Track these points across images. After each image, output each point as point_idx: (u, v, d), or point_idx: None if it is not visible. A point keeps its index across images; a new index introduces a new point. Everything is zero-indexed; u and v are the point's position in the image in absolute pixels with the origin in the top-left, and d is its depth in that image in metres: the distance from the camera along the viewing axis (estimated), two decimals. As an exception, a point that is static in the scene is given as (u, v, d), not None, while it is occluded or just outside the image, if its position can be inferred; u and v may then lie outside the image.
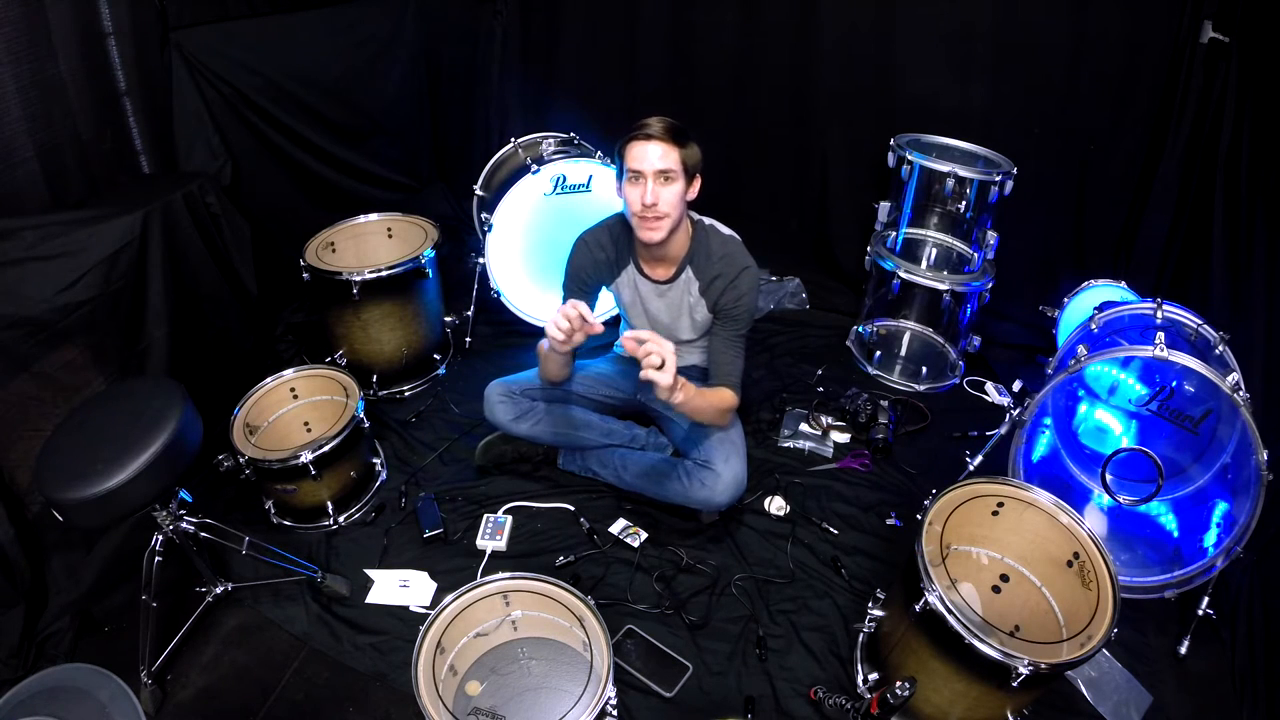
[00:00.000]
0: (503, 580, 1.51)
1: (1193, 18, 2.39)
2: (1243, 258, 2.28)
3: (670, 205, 1.74)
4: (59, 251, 1.80)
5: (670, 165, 1.71)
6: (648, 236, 1.79)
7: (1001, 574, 1.69)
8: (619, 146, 1.75)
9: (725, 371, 1.91)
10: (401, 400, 2.57)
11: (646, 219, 1.75)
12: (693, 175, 1.77)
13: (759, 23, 2.96)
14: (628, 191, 1.75)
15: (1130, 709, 1.70)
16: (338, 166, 3.10)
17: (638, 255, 1.96)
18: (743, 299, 1.87)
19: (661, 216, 1.75)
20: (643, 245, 1.87)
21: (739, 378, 1.92)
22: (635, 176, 1.72)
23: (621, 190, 1.78)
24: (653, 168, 1.70)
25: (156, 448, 1.45)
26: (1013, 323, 2.93)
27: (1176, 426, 1.94)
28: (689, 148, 1.74)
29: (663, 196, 1.72)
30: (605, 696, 1.29)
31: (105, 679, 1.29)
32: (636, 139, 1.71)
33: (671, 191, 1.73)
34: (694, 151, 1.75)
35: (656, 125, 1.71)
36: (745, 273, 1.87)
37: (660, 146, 1.70)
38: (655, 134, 1.70)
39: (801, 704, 1.68)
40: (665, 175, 1.71)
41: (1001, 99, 2.73)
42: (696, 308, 1.96)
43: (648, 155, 1.70)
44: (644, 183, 1.71)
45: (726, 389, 1.90)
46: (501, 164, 2.91)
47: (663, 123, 1.72)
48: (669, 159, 1.70)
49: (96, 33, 2.17)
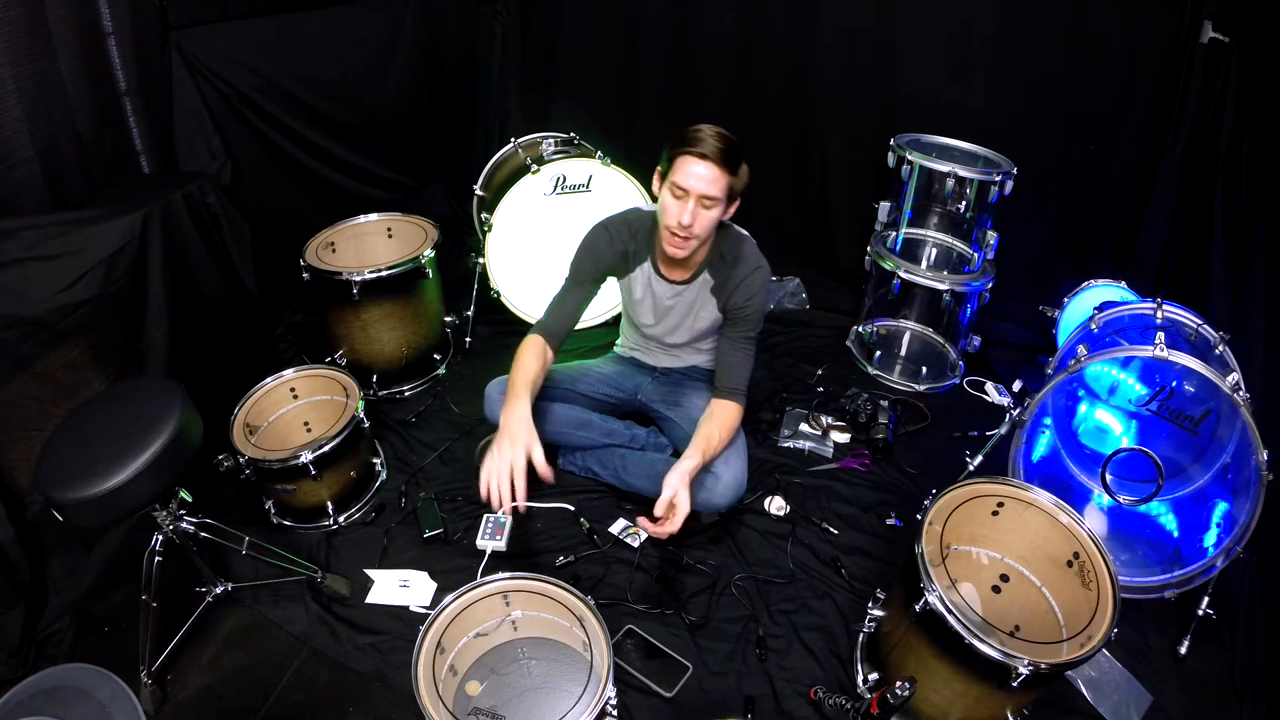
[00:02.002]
0: (503, 580, 1.51)
1: (1193, 18, 2.39)
2: (1243, 258, 2.28)
3: (705, 229, 1.72)
4: (59, 251, 1.80)
5: (716, 192, 1.66)
6: (673, 251, 1.78)
7: (1001, 574, 1.69)
8: (671, 149, 1.68)
9: (733, 376, 1.89)
10: (401, 400, 2.57)
11: (677, 236, 1.73)
12: (734, 198, 1.74)
13: (759, 23, 2.96)
14: (666, 200, 1.71)
15: (1130, 709, 1.70)
16: (338, 166, 3.10)
17: (657, 255, 1.93)
18: (754, 298, 1.86)
19: (692, 238, 1.72)
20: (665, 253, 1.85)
21: (746, 383, 1.90)
22: (680, 193, 1.67)
23: (660, 190, 1.75)
24: (699, 191, 1.65)
25: (156, 448, 1.45)
26: (1013, 323, 2.93)
27: (1176, 426, 1.94)
28: (739, 174, 1.69)
29: (700, 220, 1.69)
30: (605, 696, 1.29)
31: (105, 679, 1.29)
32: (690, 155, 1.64)
33: (710, 216, 1.70)
34: (743, 176, 1.71)
35: (713, 145, 1.63)
36: (757, 272, 1.87)
37: (713, 170, 1.63)
38: (710, 155, 1.62)
39: (801, 704, 1.68)
40: (708, 200, 1.67)
41: (1001, 99, 2.74)
42: (707, 307, 1.96)
43: (699, 175, 1.64)
44: (686, 202, 1.67)
45: (731, 404, 1.87)
46: (501, 164, 2.91)
47: (719, 142, 1.64)
48: (717, 185, 1.65)
49: (96, 33, 2.17)
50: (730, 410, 1.87)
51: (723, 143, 1.64)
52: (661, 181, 1.74)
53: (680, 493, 1.63)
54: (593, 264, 1.95)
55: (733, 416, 1.87)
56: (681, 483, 1.64)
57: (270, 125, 2.78)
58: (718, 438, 1.82)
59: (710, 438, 1.79)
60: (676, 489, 1.63)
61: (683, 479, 1.65)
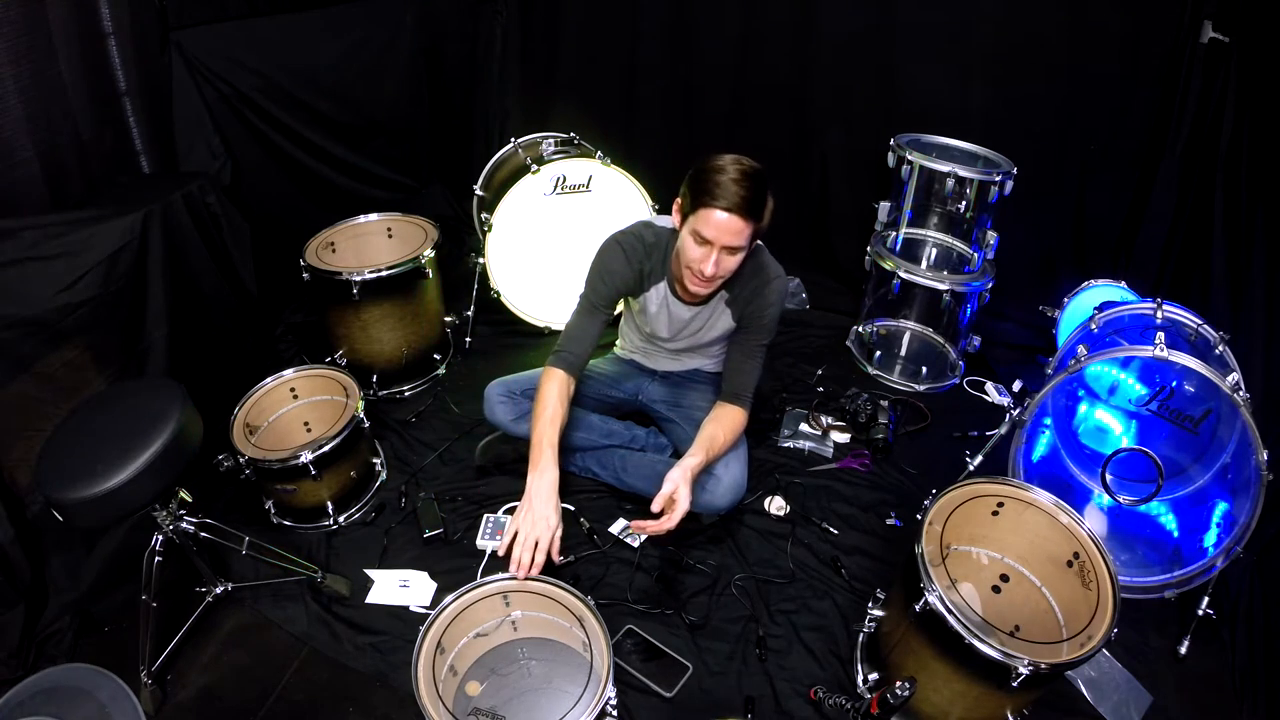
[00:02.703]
0: (503, 580, 1.51)
1: (1193, 18, 2.39)
2: (1243, 258, 2.28)
3: (728, 272, 1.69)
4: (59, 251, 1.79)
5: (740, 242, 1.62)
6: (695, 289, 1.75)
7: (1001, 574, 1.69)
8: (694, 193, 1.61)
9: (740, 382, 1.87)
10: (401, 400, 2.57)
11: (699, 279, 1.70)
12: (757, 237, 1.70)
13: (759, 22, 2.96)
14: (689, 245, 1.66)
15: (1130, 709, 1.70)
16: (338, 166, 3.10)
17: (673, 277, 1.88)
18: (769, 309, 1.85)
19: (715, 279, 1.69)
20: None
21: (752, 391, 1.88)
22: (702, 240, 1.62)
23: (680, 227, 1.70)
24: (722, 242, 1.61)
25: (156, 448, 1.45)
26: (1013, 323, 2.93)
27: (1176, 426, 1.94)
28: (763, 219, 1.64)
29: (723, 266, 1.65)
30: (605, 696, 1.29)
31: (105, 679, 1.30)
32: (714, 208, 1.57)
33: (733, 261, 1.66)
34: (767, 218, 1.65)
35: (736, 196, 1.55)
36: (775, 282, 1.85)
37: (737, 223, 1.58)
38: (734, 209, 1.56)
39: (801, 704, 1.68)
40: (733, 250, 1.64)
41: (1001, 99, 2.73)
42: (722, 318, 1.94)
43: (724, 227, 1.58)
44: (710, 251, 1.63)
45: (737, 409, 1.85)
46: (501, 164, 2.91)
47: (743, 189, 1.56)
48: (741, 236, 1.61)
49: (96, 33, 2.17)
50: (735, 414, 1.86)
51: (747, 190, 1.57)
52: (682, 219, 1.69)
53: (681, 488, 1.62)
54: (610, 286, 1.88)
55: (738, 421, 1.86)
56: (683, 479, 1.64)
57: (270, 125, 2.78)
58: (722, 439, 1.81)
59: (714, 438, 1.78)
60: (677, 484, 1.62)
61: (685, 475, 1.64)
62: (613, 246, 1.90)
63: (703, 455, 1.72)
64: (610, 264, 1.88)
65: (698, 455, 1.71)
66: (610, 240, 1.91)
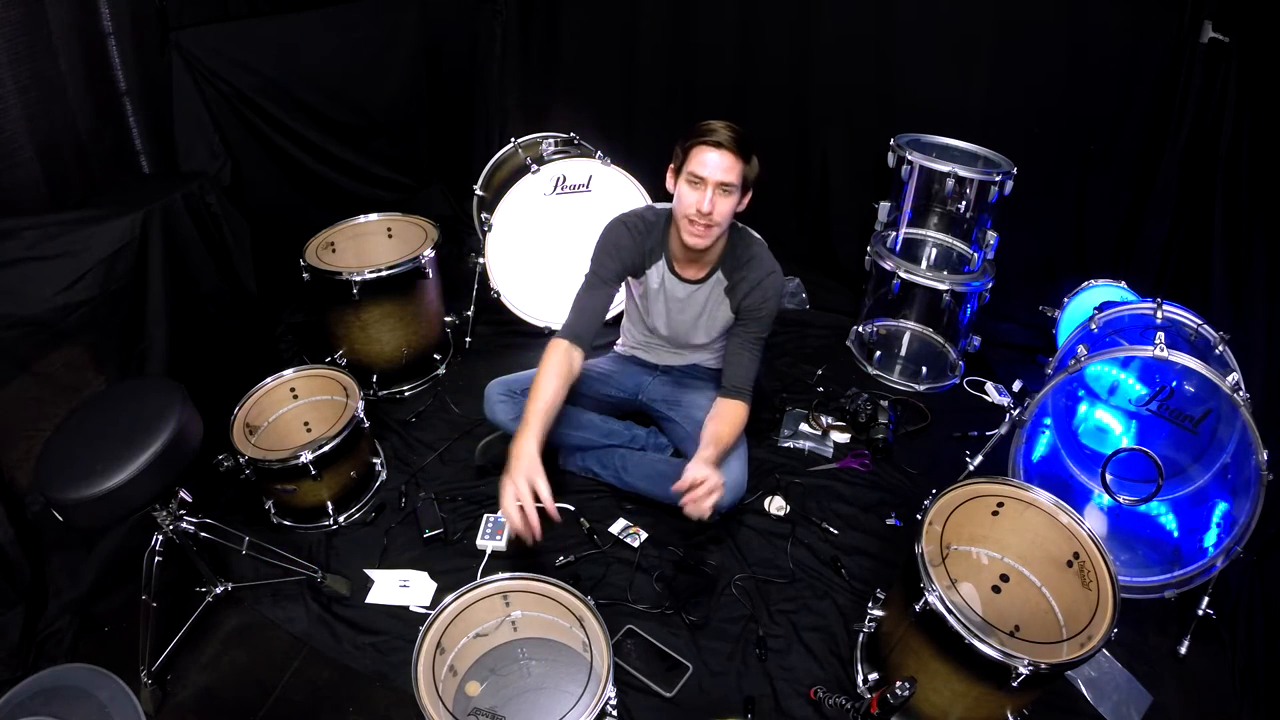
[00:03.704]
0: (503, 580, 1.51)
1: (1193, 18, 2.39)
2: (1243, 258, 2.28)
3: (723, 216, 1.75)
4: (59, 251, 1.80)
5: (733, 179, 1.70)
6: (693, 241, 1.79)
7: (1001, 574, 1.69)
8: (684, 143, 1.73)
9: (740, 375, 1.90)
10: (401, 400, 2.57)
11: (697, 224, 1.75)
12: (747, 189, 1.78)
13: (759, 22, 2.96)
14: (684, 191, 1.74)
15: (1130, 709, 1.70)
16: (338, 166, 3.10)
17: (671, 253, 1.95)
18: (767, 302, 1.89)
19: (712, 225, 1.75)
20: (682, 246, 1.86)
21: (752, 383, 1.91)
22: (697, 181, 1.71)
23: (676, 186, 1.78)
24: (716, 178, 1.69)
25: (156, 448, 1.45)
26: (1013, 323, 2.93)
27: (1176, 426, 1.94)
28: (751, 162, 1.74)
29: (719, 207, 1.72)
30: (605, 696, 1.29)
31: (105, 679, 1.30)
32: (705, 144, 1.69)
33: (728, 204, 1.74)
34: (754, 166, 1.76)
35: (726, 134, 1.69)
36: (771, 276, 1.89)
37: (728, 158, 1.69)
38: (725, 144, 1.68)
39: (801, 704, 1.68)
40: (726, 187, 1.71)
41: (1001, 99, 2.74)
42: (720, 308, 1.97)
43: (714, 164, 1.69)
44: (704, 190, 1.70)
45: (738, 403, 1.88)
46: (501, 164, 2.91)
47: (732, 132, 1.70)
48: (733, 172, 1.70)
49: (96, 33, 2.17)
50: (736, 409, 1.88)
51: (734, 132, 1.70)
52: (676, 176, 1.78)
53: (704, 470, 1.64)
54: (616, 261, 1.93)
55: (739, 415, 1.88)
56: (707, 464, 1.67)
57: (270, 125, 2.78)
58: (727, 434, 1.83)
59: (719, 435, 1.80)
60: (700, 467, 1.65)
61: (707, 463, 1.67)
62: (618, 225, 1.96)
63: (713, 449, 1.74)
64: (617, 239, 1.94)
65: (708, 450, 1.73)
66: (615, 220, 1.97)
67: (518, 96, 3.46)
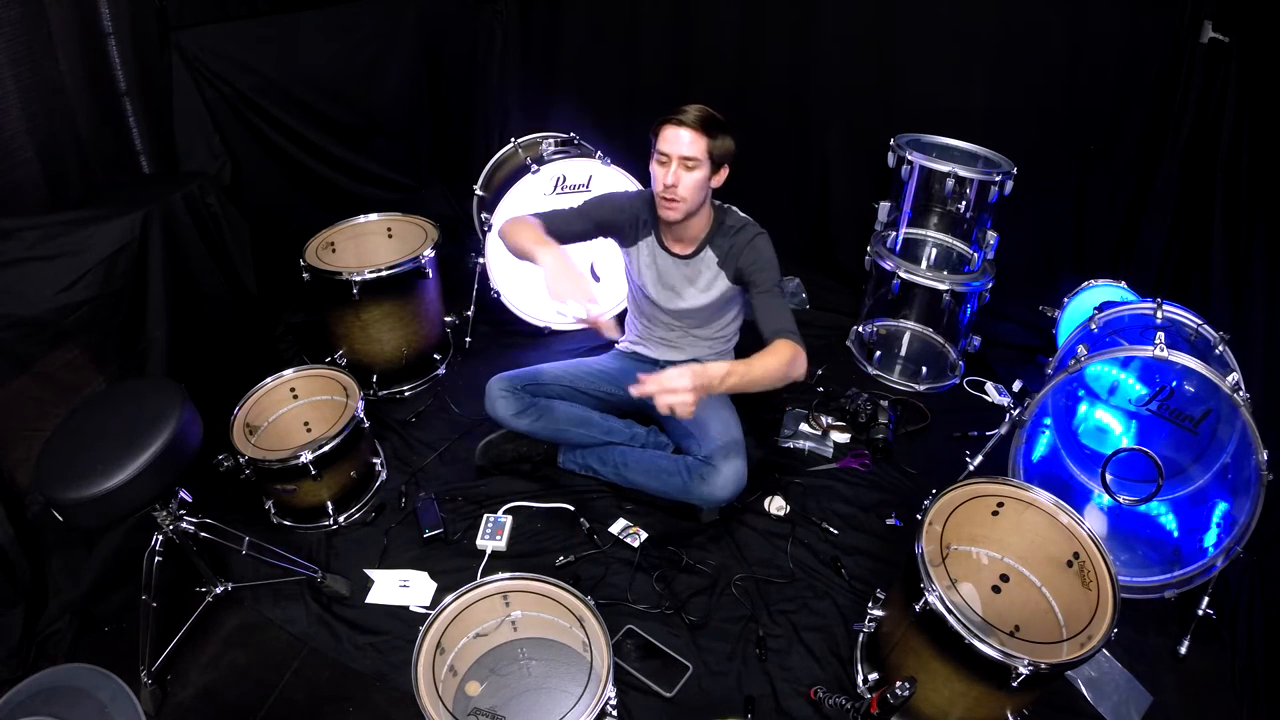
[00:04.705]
0: (503, 580, 1.51)
1: (1193, 18, 2.39)
2: (1243, 258, 2.28)
3: (689, 190, 1.82)
4: (59, 251, 1.80)
5: (696, 154, 1.79)
6: (665, 215, 1.89)
7: (1001, 574, 1.69)
8: (655, 126, 1.84)
9: (775, 324, 1.79)
10: (401, 400, 2.57)
11: (665, 199, 1.84)
12: (720, 165, 1.85)
13: (759, 23, 2.96)
14: (654, 169, 1.85)
15: (1130, 709, 1.70)
16: (338, 166, 3.10)
17: (660, 228, 2.03)
18: (761, 255, 1.92)
19: (678, 200, 1.83)
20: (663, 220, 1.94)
21: (792, 324, 1.78)
22: (662, 158, 1.81)
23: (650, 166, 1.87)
24: (678, 153, 1.79)
25: (156, 448, 1.45)
26: (1013, 323, 2.93)
27: (1176, 426, 1.94)
28: (719, 139, 1.81)
29: (683, 181, 1.80)
30: (605, 696, 1.29)
31: (105, 679, 1.29)
32: (670, 123, 1.80)
33: (693, 178, 1.81)
34: (724, 143, 1.83)
35: (691, 113, 1.79)
36: (759, 237, 1.95)
37: (690, 134, 1.77)
38: (688, 121, 1.77)
39: (801, 704, 1.68)
40: (689, 162, 1.79)
41: (1001, 99, 2.73)
42: (716, 281, 2.01)
43: (677, 140, 1.78)
44: (668, 165, 1.80)
45: (781, 340, 1.73)
46: (501, 164, 2.91)
47: (698, 111, 1.80)
48: (695, 147, 1.78)
49: (96, 33, 2.17)
50: (784, 345, 1.72)
51: (701, 112, 1.80)
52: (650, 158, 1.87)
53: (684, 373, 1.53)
54: (607, 211, 2.04)
55: (785, 351, 1.70)
56: (690, 369, 1.55)
57: (270, 125, 2.78)
58: (761, 363, 1.68)
59: (752, 362, 1.67)
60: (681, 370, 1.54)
61: (693, 369, 1.55)
62: (620, 191, 2.17)
63: (729, 366, 1.61)
64: (614, 198, 2.10)
65: (725, 365, 1.61)
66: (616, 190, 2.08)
67: (518, 96, 3.45)
